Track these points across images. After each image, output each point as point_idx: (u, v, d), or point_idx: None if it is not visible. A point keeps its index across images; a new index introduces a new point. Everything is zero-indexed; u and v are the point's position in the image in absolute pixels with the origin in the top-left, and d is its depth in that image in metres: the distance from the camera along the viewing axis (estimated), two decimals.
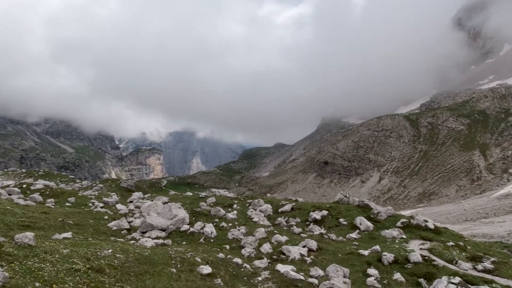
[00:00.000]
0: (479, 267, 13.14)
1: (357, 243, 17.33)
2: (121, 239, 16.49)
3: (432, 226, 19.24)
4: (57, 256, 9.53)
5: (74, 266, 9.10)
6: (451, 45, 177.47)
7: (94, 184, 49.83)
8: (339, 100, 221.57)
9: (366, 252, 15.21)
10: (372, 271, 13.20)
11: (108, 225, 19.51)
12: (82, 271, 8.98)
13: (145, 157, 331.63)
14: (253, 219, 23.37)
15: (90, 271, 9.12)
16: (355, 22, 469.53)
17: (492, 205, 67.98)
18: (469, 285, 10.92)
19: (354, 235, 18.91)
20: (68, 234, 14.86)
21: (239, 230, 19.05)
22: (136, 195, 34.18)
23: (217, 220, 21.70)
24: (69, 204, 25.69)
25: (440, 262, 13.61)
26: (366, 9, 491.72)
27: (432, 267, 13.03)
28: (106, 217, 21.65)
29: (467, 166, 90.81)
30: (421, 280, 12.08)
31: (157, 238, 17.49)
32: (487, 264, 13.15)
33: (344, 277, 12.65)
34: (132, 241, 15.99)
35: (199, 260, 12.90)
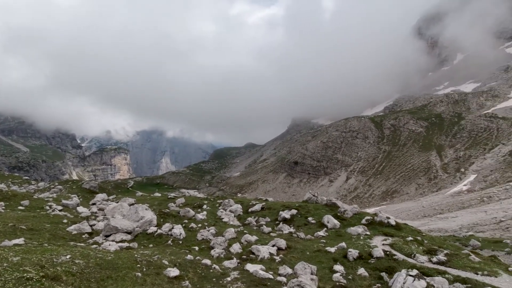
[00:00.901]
0: (434, 259, 14.10)
1: (324, 241, 17.83)
2: (82, 244, 15.57)
3: (393, 223, 20.30)
4: (5, 264, 8.74)
5: (25, 274, 8.36)
6: (413, 52, 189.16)
7: (52, 186, 46.64)
8: (309, 102, 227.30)
9: (332, 249, 15.70)
10: (338, 267, 13.65)
11: (68, 229, 18.35)
12: (34, 279, 8.28)
13: (110, 156, 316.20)
14: (223, 220, 23.22)
15: (44, 279, 8.43)
16: (326, 26, 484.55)
17: (446, 201, 73.29)
18: (425, 277, 11.67)
19: (322, 233, 19.43)
20: (19, 240, 13.75)
21: (208, 230, 18.82)
22: (100, 196, 32.51)
23: (186, 221, 21.28)
24: (22, 208, 23.76)
25: (400, 256, 14.41)
26: (336, 14, 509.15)
27: (393, 261, 13.75)
28: (65, 220, 20.34)
29: (425, 166, 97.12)
30: (383, 274, 12.70)
31: (122, 241, 16.76)
32: (441, 257, 14.15)
33: (312, 274, 12.95)
34: (94, 246, 15.17)
35: (166, 262, 12.54)
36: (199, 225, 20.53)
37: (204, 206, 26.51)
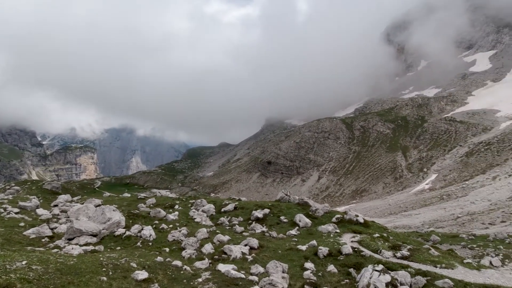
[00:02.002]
0: (398, 254, 14.84)
1: (296, 239, 18.10)
2: (41, 248, 14.58)
3: (362, 220, 21.07)
4: None
5: None
6: (382, 57, 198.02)
7: (8, 187, 43.29)
8: (283, 102, 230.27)
9: (304, 247, 15.98)
10: (308, 264, 13.92)
11: (25, 233, 17.10)
12: None
13: (75, 155, 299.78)
14: (195, 220, 22.85)
15: None
16: (300, 29, 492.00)
17: (410, 200, 77.43)
18: (390, 271, 12.25)
19: (293, 231, 19.71)
20: None
21: (180, 231, 18.42)
22: (63, 198, 30.66)
23: (157, 222, 20.69)
24: None
25: (367, 252, 14.99)
26: (310, 17, 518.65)
27: (361, 257, 14.27)
28: (22, 224, 18.94)
29: (391, 166, 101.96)
30: (351, 270, 13.15)
31: (87, 244, 15.93)
32: (404, 252, 14.92)
33: (283, 272, 13.10)
34: (55, 250, 14.26)
35: (134, 265, 12.10)
36: (170, 225, 20.04)
37: (176, 206, 25.92)
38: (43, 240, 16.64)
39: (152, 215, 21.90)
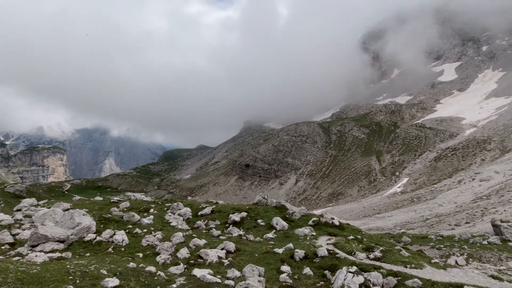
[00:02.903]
0: (371, 256, 15.22)
1: (273, 243, 18.10)
2: (0, 257, 13.60)
3: (337, 223, 21.45)
4: None
5: None
6: (359, 64, 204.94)
7: None
8: (262, 105, 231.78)
9: (280, 251, 16.01)
10: (285, 268, 13.95)
11: None
12: None
13: (42, 156, 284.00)
14: (171, 224, 22.31)
15: None
16: (280, 33, 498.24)
17: (384, 202, 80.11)
18: (363, 272, 12.53)
19: (270, 235, 19.71)
20: None
21: (154, 236, 17.88)
22: (27, 201, 28.87)
23: (130, 226, 19.97)
24: None
25: (342, 254, 15.26)
26: (290, 21, 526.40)
27: (336, 260, 14.50)
28: None
29: (366, 170, 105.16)
30: (326, 272, 13.31)
31: (53, 251, 15.04)
32: (377, 253, 15.34)
33: (259, 276, 13.03)
34: (17, 258, 13.33)
35: (104, 272, 11.56)
36: (145, 230, 19.40)
37: (151, 210, 25.18)
38: (3, 247, 15.52)
39: (125, 219, 21.12)
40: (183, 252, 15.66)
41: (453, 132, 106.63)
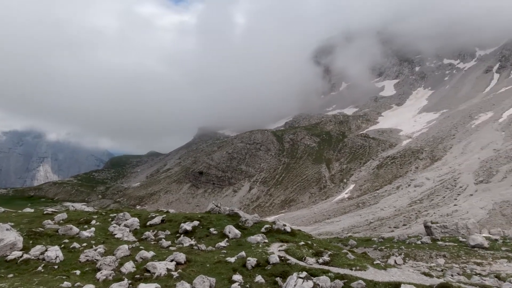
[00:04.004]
0: (320, 260, 15.77)
1: (225, 251, 17.79)
2: None
3: (289, 229, 21.89)
4: None
5: None
6: (312, 75, 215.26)
7: None
8: (216, 112, 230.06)
9: (232, 259, 15.78)
10: (236, 277, 13.75)
11: None
12: None
13: None
14: (116, 236, 20.72)
15: None
16: (236, 40, 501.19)
17: (333, 208, 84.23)
18: (312, 277, 12.88)
19: (223, 243, 19.37)
20: None
21: (95, 250, 16.40)
22: None
23: (66, 240, 18.07)
24: None
25: (293, 260, 15.55)
26: (246, 30, 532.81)
27: (287, 266, 14.71)
28: None
29: (317, 177, 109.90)
30: (278, 278, 13.43)
31: None
32: (325, 257, 15.95)
33: (210, 287, 12.66)
34: None
35: None
36: (84, 244, 17.71)
37: (93, 222, 23.15)
38: None
39: (61, 232, 19.08)
40: (128, 266, 14.60)
41: (392, 142, 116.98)
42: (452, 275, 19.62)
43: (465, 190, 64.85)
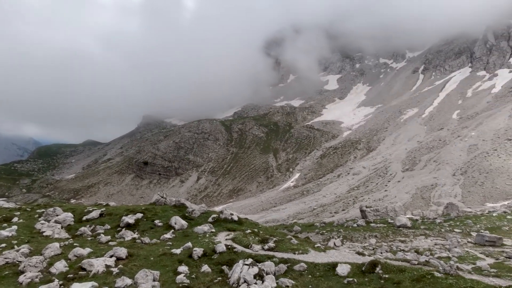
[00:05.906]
0: (266, 247, 16.29)
1: (171, 243, 17.30)
2: None
3: (236, 218, 22.10)
4: None
5: None
6: (262, 66, 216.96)
7: None
8: (162, 100, 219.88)
9: (178, 251, 15.42)
10: (182, 268, 13.49)
11: None
12: None
13: None
14: (45, 233, 18.69)
15: None
16: (185, 25, 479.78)
17: (279, 196, 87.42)
18: (258, 263, 13.25)
19: (168, 235, 18.78)
20: None
21: (18, 250, 14.57)
22: None
23: None
24: None
25: (239, 248, 15.78)
26: (196, 15, 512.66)
27: (233, 254, 14.88)
28: None
29: (264, 166, 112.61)
30: (224, 267, 13.51)
31: None
32: (271, 244, 16.52)
33: (154, 280, 12.22)
34: None
35: None
36: (3, 245, 15.61)
37: (15, 219, 20.54)
38: None
39: None
40: (59, 266, 13.29)
41: (334, 133, 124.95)
42: (381, 253, 21.95)
43: (394, 177, 72.61)
